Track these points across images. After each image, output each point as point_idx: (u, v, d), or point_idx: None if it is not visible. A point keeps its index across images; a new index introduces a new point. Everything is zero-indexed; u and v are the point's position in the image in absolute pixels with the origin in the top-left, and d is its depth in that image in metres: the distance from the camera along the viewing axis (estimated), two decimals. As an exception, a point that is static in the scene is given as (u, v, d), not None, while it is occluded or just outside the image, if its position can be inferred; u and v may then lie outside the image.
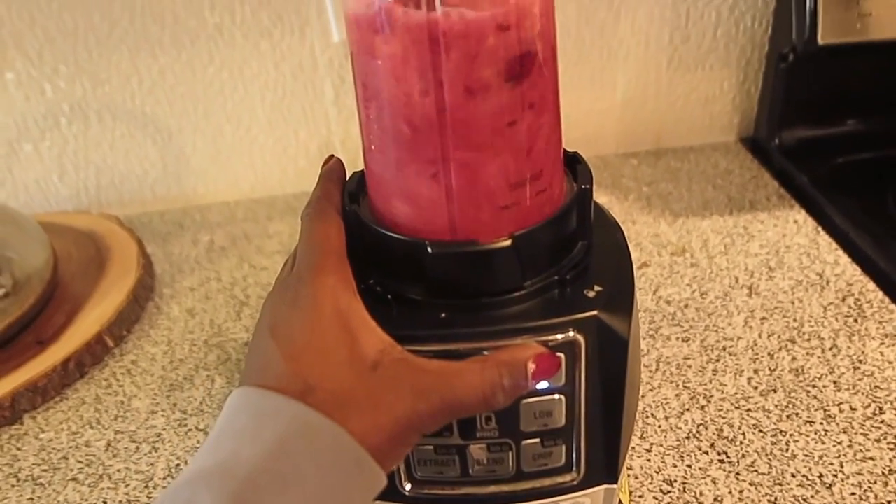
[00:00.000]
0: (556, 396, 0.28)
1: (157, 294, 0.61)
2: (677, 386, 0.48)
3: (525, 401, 0.27)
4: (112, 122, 0.68)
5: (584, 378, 0.28)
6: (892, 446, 0.42)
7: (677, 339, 0.52)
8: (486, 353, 0.26)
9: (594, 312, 0.27)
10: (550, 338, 0.27)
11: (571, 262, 0.29)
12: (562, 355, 0.27)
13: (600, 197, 0.70)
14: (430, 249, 0.26)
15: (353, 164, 0.30)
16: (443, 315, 0.27)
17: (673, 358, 0.50)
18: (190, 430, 0.47)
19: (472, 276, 0.27)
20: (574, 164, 0.31)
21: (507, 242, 0.26)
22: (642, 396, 0.47)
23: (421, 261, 0.26)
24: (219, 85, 0.67)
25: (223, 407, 0.25)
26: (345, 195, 0.30)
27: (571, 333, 0.27)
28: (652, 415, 0.46)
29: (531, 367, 0.25)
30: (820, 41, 0.63)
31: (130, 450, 0.46)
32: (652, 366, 0.50)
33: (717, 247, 0.61)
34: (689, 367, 0.49)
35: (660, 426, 0.45)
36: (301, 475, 0.22)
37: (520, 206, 0.27)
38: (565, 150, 0.31)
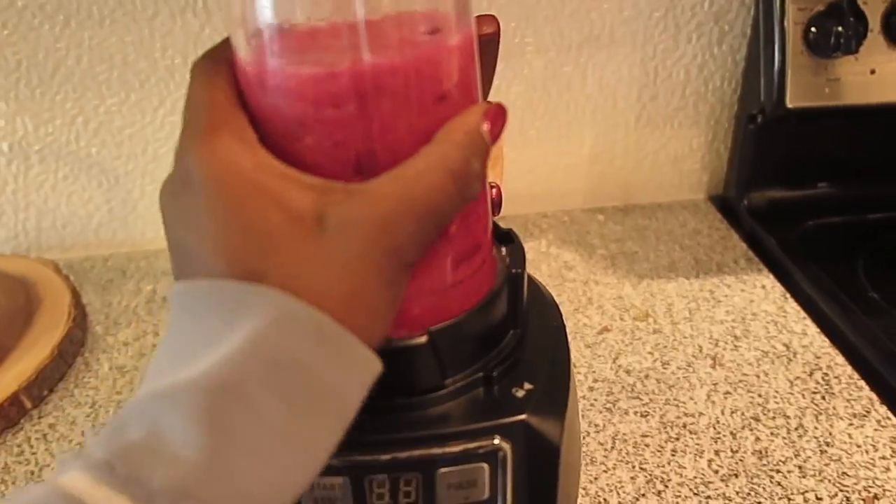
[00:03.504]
0: (479, 511, 0.24)
1: (88, 349, 0.57)
2: (633, 467, 0.45)
3: (444, 516, 0.24)
4: (55, 163, 0.65)
5: (510, 490, 0.24)
6: (859, 544, 0.39)
7: (636, 413, 0.49)
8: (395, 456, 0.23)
9: (522, 416, 0.24)
10: (473, 446, 0.24)
11: (500, 354, 0.26)
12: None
13: (565, 254, 0.67)
14: (335, 345, 0.23)
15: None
16: (351, 417, 0.24)
17: (630, 435, 0.47)
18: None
19: (384, 375, 0.24)
20: (507, 242, 0.28)
21: (423, 339, 0.23)
22: (595, 478, 0.44)
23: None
24: (169, 128, 0.64)
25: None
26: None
27: (496, 440, 0.24)
28: (605, 500, 0.43)
29: (485, 128, 0.22)
30: (788, 104, 0.62)
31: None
32: (608, 443, 0.47)
33: (681, 312, 0.59)
34: (647, 445, 0.46)
35: (613, 514, 0.42)
36: (281, 375, 0.19)
37: (440, 294, 0.24)
38: (498, 227, 0.29)
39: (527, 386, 0.25)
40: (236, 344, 0.18)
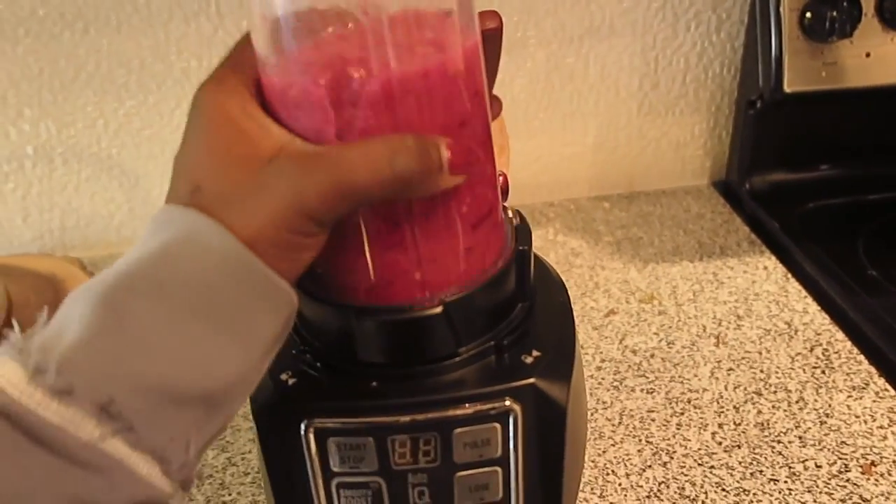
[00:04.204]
0: (493, 468, 0.27)
1: (116, 341, 0.60)
2: (640, 441, 0.47)
3: (460, 474, 0.26)
4: (77, 164, 0.68)
5: (521, 449, 0.26)
6: (857, 507, 0.41)
7: (642, 390, 0.51)
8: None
9: (531, 380, 0.26)
10: (486, 407, 0.26)
11: (510, 325, 0.28)
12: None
13: (571, 241, 0.69)
14: (357, 317, 0.25)
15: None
16: (374, 384, 0.26)
17: (637, 411, 0.49)
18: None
19: (402, 344, 0.26)
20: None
21: (438, 309, 0.25)
22: (604, 451, 0.46)
23: (349, 328, 0.26)
24: (186, 128, 0.67)
25: None
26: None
27: (507, 402, 0.26)
28: (613, 471, 0.45)
29: (445, 151, 0.23)
30: (786, 89, 0.63)
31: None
32: (615, 419, 0.49)
33: (685, 294, 0.60)
34: (653, 420, 0.48)
35: (620, 484, 0.44)
36: (182, 280, 0.21)
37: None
38: (506, 209, 0.31)
39: (535, 353, 0.27)
40: (146, 251, 0.21)
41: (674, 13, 0.68)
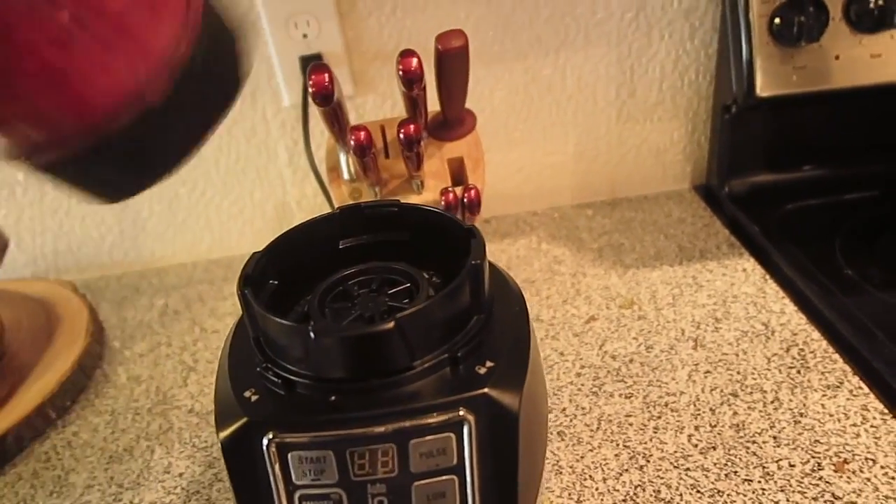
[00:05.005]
0: (449, 477, 0.27)
1: (106, 361, 0.61)
2: (617, 445, 0.47)
3: (417, 483, 0.27)
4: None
5: (476, 457, 0.27)
6: (828, 505, 0.42)
7: (620, 395, 0.52)
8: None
9: (484, 390, 0.27)
10: (440, 418, 0.27)
11: (465, 337, 0.29)
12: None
13: (555, 249, 0.70)
14: (312, 334, 0.26)
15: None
16: (332, 398, 0.27)
17: (615, 416, 0.50)
18: (125, 504, 0.47)
19: (357, 359, 0.27)
20: (469, 238, 0.31)
21: (391, 325, 0.26)
22: (581, 457, 0.47)
23: (306, 345, 0.27)
24: (172, 150, 0.68)
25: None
26: (240, 279, 0.30)
27: (461, 412, 0.27)
28: (590, 476, 0.45)
29: None
30: (759, 93, 0.64)
31: (63, 527, 0.46)
32: (593, 424, 0.49)
33: (665, 298, 0.61)
34: (631, 424, 0.49)
35: (597, 489, 0.45)
36: None
37: None
38: (461, 224, 0.32)
39: (488, 364, 0.28)
40: None
41: (647, 22, 0.69)
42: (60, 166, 0.26)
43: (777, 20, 0.62)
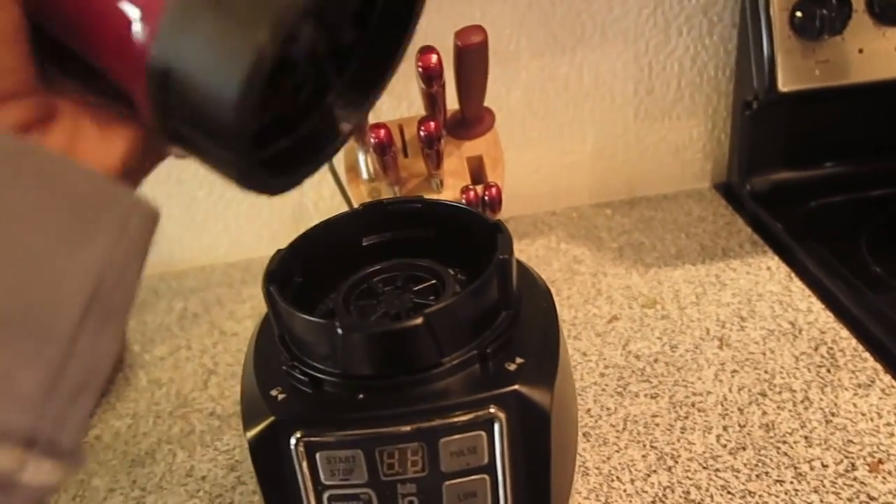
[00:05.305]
0: (480, 476, 0.27)
1: (127, 365, 0.61)
2: (644, 446, 0.47)
3: (448, 482, 0.27)
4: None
5: (507, 456, 0.27)
6: (864, 505, 0.41)
7: (646, 395, 0.51)
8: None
9: (514, 387, 0.27)
10: (470, 416, 0.26)
11: (494, 334, 0.29)
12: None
13: (574, 249, 0.70)
14: (339, 330, 0.26)
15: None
16: (360, 396, 0.27)
17: (641, 416, 0.49)
18: (147, 508, 0.47)
19: (385, 356, 0.27)
20: (495, 233, 0.31)
21: (419, 320, 0.26)
22: (608, 458, 0.46)
23: (333, 342, 0.26)
24: (190, 154, 0.68)
25: None
26: (265, 275, 0.30)
27: (491, 410, 0.26)
28: (617, 478, 0.45)
29: None
30: (781, 88, 0.63)
31: (86, 531, 0.45)
32: (619, 425, 0.49)
33: (688, 297, 0.60)
34: (657, 425, 0.48)
35: (625, 490, 0.44)
36: None
37: None
38: (487, 219, 0.31)
39: (518, 360, 0.28)
40: None
41: (665, 18, 0.68)
42: None
43: (798, 13, 0.61)
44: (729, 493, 0.43)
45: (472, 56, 0.46)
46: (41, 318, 0.16)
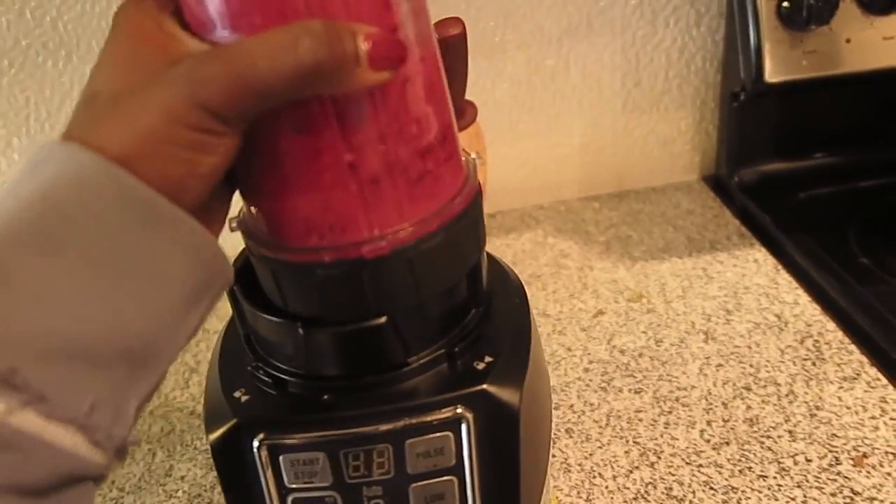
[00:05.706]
0: (448, 478, 0.26)
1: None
2: (627, 442, 0.46)
3: (415, 484, 0.26)
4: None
5: (475, 456, 0.26)
6: (847, 500, 0.40)
7: (630, 390, 0.50)
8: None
9: (482, 386, 0.26)
10: (437, 416, 0.26)
11: (463, 331, 0.28)
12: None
13: (561, 243, 0.69)
14: (301, 330, 0.25)
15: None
16: (325, 397, 0.26)
17: (624, 411, 0.49)
18: (125, 508, 0.46)
19: (349, 355, 0.26)
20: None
21: (383, 319, 0.25)
22: (590, 454, 0.46)
23: (296, 341, 0.26)
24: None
25: None
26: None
27: (459, 410, 0.26)
28: (600, 474, 0.44)
29: (362, 40, 0.21)
30: (768, 79, 0.63)
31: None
32: (602, 420, 0.48)
33: (674, 291, 0.60)
34: (641, 420, 0.48)
35: (607, 486, 0.43)
36: (72, 229, 0.19)
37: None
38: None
39: (487, 359, 0.27)
40: (25, 198, 0.19)
41: (651, 9, 0.67)
42: None
43: (785, 3, 0.60)
44: (712, 488, 0.42)
45: (451, 49, 0.45)
46: (156, 360, 0.21)
